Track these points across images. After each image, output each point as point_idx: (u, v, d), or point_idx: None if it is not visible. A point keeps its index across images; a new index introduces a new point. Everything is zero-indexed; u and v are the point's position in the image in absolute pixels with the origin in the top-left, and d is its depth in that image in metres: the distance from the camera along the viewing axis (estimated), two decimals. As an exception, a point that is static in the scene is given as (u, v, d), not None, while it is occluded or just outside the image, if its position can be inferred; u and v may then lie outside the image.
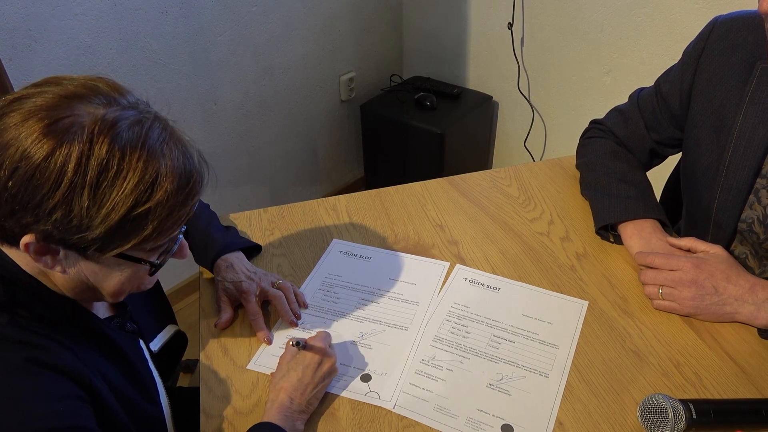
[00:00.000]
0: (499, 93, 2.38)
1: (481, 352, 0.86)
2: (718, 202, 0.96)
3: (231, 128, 2.03)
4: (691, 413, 0.70)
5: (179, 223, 0.65)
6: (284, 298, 0.92)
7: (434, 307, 0.93)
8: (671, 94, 1.05)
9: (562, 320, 0.91)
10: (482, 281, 0.98)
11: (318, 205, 1.17)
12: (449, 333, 0.89)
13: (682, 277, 0.88)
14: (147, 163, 0.59)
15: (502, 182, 1.23)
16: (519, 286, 0.97)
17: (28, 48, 1.45)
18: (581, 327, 0.89)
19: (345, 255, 1.04)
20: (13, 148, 0.56)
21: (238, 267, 0.94)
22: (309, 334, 0.87)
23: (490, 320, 0.91)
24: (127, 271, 0.67)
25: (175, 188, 0.61)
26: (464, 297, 0.95)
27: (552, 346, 0.86)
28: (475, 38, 2.34)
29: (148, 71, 1.72)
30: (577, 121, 2.17)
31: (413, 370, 0.84)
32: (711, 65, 0.97)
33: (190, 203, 0.65)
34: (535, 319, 0.91)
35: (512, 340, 0.88)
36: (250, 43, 1.97)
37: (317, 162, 2.46)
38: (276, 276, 0.97)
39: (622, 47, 1.93)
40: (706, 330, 0.87)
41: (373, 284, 0.98)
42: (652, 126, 1.09)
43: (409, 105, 2.33)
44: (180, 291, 2.08)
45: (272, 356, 0.86)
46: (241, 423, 0.77)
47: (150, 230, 0.61)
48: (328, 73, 2.31)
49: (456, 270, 1.00)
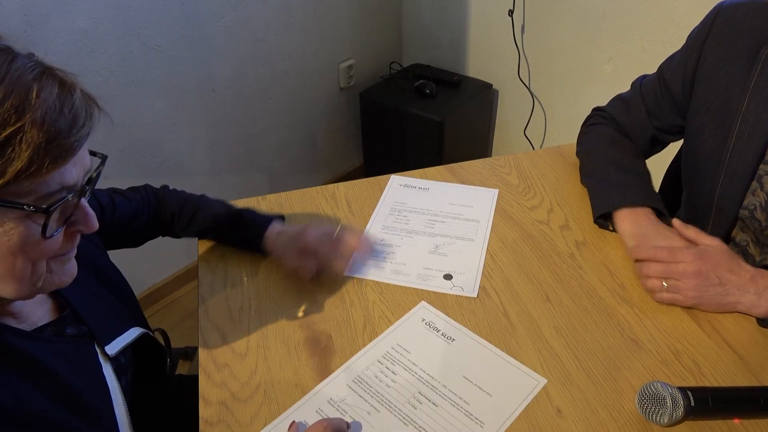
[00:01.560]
0: (499, 81, 2.37)
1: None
2: (721, 188, 0.96)
3: (229, 115, 2.02)
4: (690, 401, 0.71)
5: (64, 156, 0.55)
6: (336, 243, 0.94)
7: (490, 225, 1.06)
8: (674, 80, 1.04)
9: (504, 394, 0.78)
10: (439, 326, 0.87)
11: (317, 193, 1.17)
12: (374, 377, 0.81)
13: (686, 268, 0.87)
14: (15, 78, 0.53)
15: (501, 170, 1.22)
16: (476, 342, 0.85)
17: (24, 33, 1.43)
18: (523, 408, 0.76)
19: (405, 187, 1.17)
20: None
21: (287, 228, 0.97)
22: (344, 414, 0.76)
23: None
24: (14, 230, 0.55)
25: (52, 106, 0.54)
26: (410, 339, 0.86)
27: (477, 422, 0.75)
28: (476, 25, 2.32)
29: (146, 57, 1.71)
30: (578, 110, 2.16)
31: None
32: (716, 50, 0.96)
33: (76, 132, 0.55)
34: (475, 385, 0.79)
35: (437, 403, 0.77)
36: (248, 29, 1.95)
37: (316, 150, 2.46)
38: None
39: (624, 35, 1.91)
40: (705, 318, 0.87)
41: (437, 208, 1.11)
42: (654, 112, 1.09)
43: (408, 93, 2.32)
44: (178, 279, 2.08)
45: (363, 265, 0.97)
46: (239, 409, 0.77)
47: (27, 157, 0.51)
48: (327, 60, 2.30)
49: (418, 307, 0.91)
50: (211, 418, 0.77)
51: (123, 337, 0.81)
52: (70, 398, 0.67)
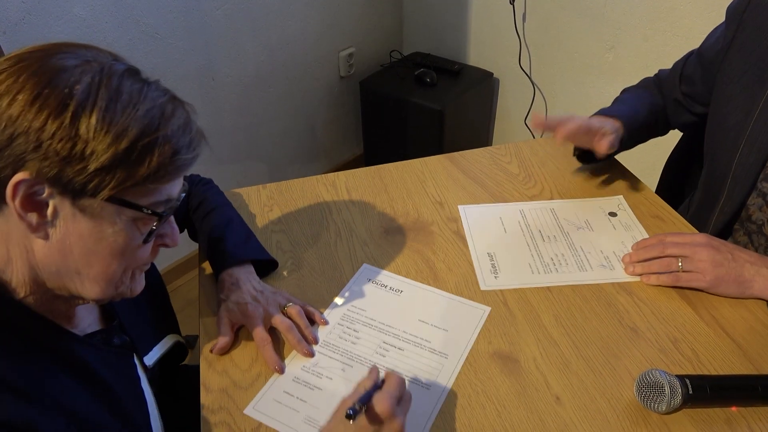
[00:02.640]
0: (500, 69, 2.36)
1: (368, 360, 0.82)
2: (740, 156, 0.95)
3: (229, 104, 2.01)
4: (688, 389, 0.71)
5: (178, 171, 0.61)
6: (293, 327, 0.83)
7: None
8: (709, 49, 1.05)
9: (458, 327, 0.85)
10: (385, 283, 0.92)
11: (317, 182, 1.17)
12: (338, 338, 0.84)
13: (695, 239, 0.88)
14: (155, 98, 0.59)
15: (502, 159, 1.22)
16: (422, 289, 0.92)
17: (22, 21, 1.42)
18: (477, 335, 0.84)
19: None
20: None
21: (244, 285, 0.86)
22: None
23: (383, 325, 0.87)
24: (122, 232, 0.60)
25: (180, 125, 0.60)
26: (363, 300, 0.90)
27: (442, 355, 0.82)
28: (477, 14, 2.31)
29: (145, 45, 1.70)
30: (579, 98, 2.16)
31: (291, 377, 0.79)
32: (755, 20, 0.96)
33: (191, 153, 0.62)
34: (431, 325, 0.86)
35: (402, 348, 0.83)
36: (248, 17, 1.94)
37: (316, 138, 2.45)
38: (286, 296, 0.88)
39: (625, 23, 1.90)
40: (704, 307, 0.87)
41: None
42: (686, 78, 1.12)
43: (408, 81, 2.31)
44: (179, 267, 2.09)
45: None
46: (240, 397, 0.78)
47: (155, 164, 0.57)
48: (328, 48, 2.29)
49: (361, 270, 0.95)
50: (212, 405, 0.77)
51: (159, 346, 0.83)
52: (117, 406, 0.69)
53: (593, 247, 0.98)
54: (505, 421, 0.74)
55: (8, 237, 0.58)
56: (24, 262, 0.60)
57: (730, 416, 0.73)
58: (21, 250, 0.59)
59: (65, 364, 0.64)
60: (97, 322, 0.74)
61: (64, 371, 0.64)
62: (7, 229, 0.58)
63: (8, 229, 0.58)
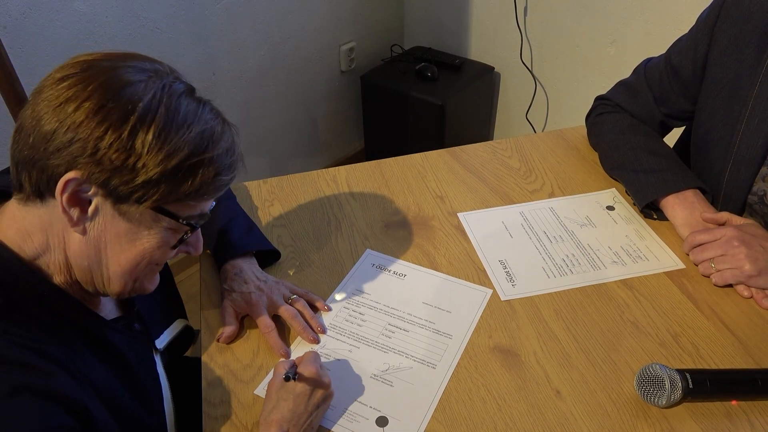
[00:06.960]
0: (501, 64, 2.35)
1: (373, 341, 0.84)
2: (729, 173, 0.95)
3: (230, 98, 2.01)
4: (688, 383, 0.71)
5: (217, 191, 0.66)
6: (298, 314, 0.85)
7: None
8: (683, 65, 1.02)
9: (461, 309, 0.88)
10: (389, 267, 0.95)
11: (318, 176, 1.17)
12: (344, 321, 0.87)
13: (727, 234, 0.88)
14: (208, 121, 0.63)
15: (503, 153, 1.22)
16: (425, 273, 0.94)
17: (22, 15, 1.42)
18: (479, 317, 0.87)
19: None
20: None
21: (248, 275, 0.88)
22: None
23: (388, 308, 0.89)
24: (157, 236, 0.64)
25: (226, 149, 0.64)
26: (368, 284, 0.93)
27: (446, 335, 0.85)
28: (478, 8, 2.30)
29: (145, 40, 1.69)
30: (581, 93, 2.15)
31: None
32: (726, 34, 0.95)
33: (231, 174, 0.66)
34: (435, 307, 0.89)
35: (407, 329, 0.86)
36: (248, 11, 1.94)
37: (317, 133, 2.45)
38: (289, 285, 0.89)
39: (627, 17, 1.90)
40: (704, 301, 0.88)
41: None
42: (662, 99, 1.07)
43: (409, 76, 2.30)
44: (181, 262, 2.09)
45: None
46: (242, 390, 0.78)
47: (198, 183, 0.62)
48: (328, 43, 2.28)
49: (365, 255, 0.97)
50: (213, 399, 0.77)
51: (169, 330, 0.85)
52: (138, 387, 0.73)
53: (600, 244, 0.98)
54: (506, 415, 0.74)
55: (50, 227, 0.62)
56: (60, 252, 0.63)
57: (730, 410, 0.73)
58: (59, 240, 0.63)
59: (98, 347, 0.68)
60: (115, 310, 0.78)
61: (96, 354, 0.67)
62: (50, 220, 0.62)
63: (51, 219, 0.61)
